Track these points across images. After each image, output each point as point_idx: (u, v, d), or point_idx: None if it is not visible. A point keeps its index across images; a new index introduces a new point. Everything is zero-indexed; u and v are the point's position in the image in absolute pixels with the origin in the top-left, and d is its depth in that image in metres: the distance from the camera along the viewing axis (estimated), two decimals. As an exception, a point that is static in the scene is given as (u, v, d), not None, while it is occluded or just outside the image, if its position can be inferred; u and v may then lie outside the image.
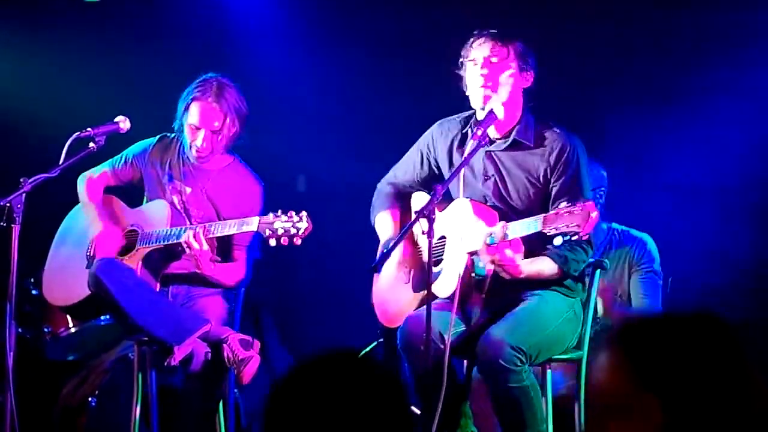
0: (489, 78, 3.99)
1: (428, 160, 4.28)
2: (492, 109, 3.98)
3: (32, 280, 5.29)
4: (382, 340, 4.91)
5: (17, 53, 6.19)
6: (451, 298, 3.92)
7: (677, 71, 5.61)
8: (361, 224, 4.52)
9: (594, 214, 3.49)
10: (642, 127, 5.63)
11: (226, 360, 4.25)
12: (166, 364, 4.24)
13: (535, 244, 3.89)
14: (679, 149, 5.61)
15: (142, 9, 6.20)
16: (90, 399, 4.81)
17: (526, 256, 3.86)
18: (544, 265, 3.92)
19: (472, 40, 4.09)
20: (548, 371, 4.01)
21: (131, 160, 4.77)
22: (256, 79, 5.81)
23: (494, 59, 4.00)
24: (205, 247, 4.30)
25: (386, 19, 6.11)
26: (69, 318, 5.22)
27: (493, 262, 3.79)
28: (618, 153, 5.34)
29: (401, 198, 4.37)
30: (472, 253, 3.89)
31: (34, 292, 5.30)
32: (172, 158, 4.70)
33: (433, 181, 4.19)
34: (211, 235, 4.34)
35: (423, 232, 3.76)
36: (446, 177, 4.14)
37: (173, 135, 4.73)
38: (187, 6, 6.21)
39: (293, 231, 4.12)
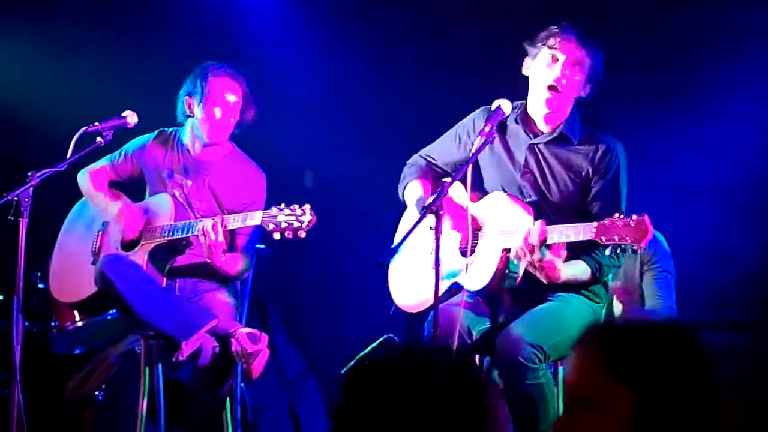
0: (561, 85, 3.93)
1: (466, 145, 4.18)
2: (500, 106, 3.96)
3: (39, 273, 5.30)
4: (390, 335, 4.91)
5: (25, 49, 6.20)
6: (479, 292, 3.91)
7: (684, 71, 5.60)
8: (368, 220, 4.53)
9: (651, 231, 3.47)
10: (649, 126, 5.62)
11: (234, 354, 4.26)
12: (174, 359, 4.24)
13: (571, 245, 3.83)
14: (686, 148, 5.60)
15: (150, 4, 6.20)
16: (96, 393, 4.81)
17: None
18: (580, 270, 3.88)
19: (557, 30, 3.97)
20: (560, 367, 4.00)
21: (130, 156, 4.78)
22: (264, 74, 5.81)
23: (576, 66, 3.94)
24: (221, 238, 4.30)
25: (395, 16, 6.11)
26: (76, 312, 5.22)
27: (532, 264, 3.74)
28: (627, 151, 5.33)
29: (434, 173, 4.30)
30: (507, 250, 3.86)
31: (40, 285, 5.31)
32: (171, 152, 4.70)
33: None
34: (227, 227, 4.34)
35: (430, 228, 3.73)
36: (483, 164, 4.11)
37: (171, 129, 4.75)
38: (196, 1, 6.21)
39: (297, 224, 4.11)
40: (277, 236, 4.14)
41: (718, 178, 5.55)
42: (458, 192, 4.07)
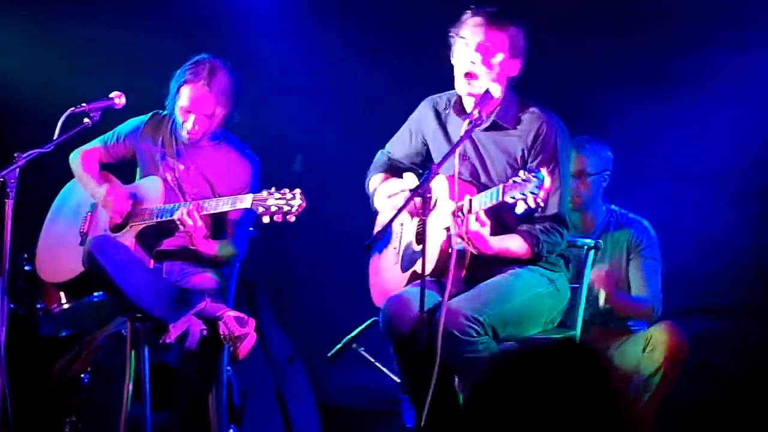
0: (477, 67, 3.96)
1: (417, 137, 4.29)
2: (488, 89, 3.95)
3: (25, 255, 5.27)
4: (376, 318, 4.90)
5: (12, 29, 6.16)
6: (432, 275, 3.90)
7: (677, 54, 5.58)
8: (357, 204, 4.51)
9: (547, 180, 3.47)
10: (640, 110, 5.61)
11: (221, 337, 4.26)
12: (161, 341, 4.25)
13: (509, 223, 3.89)
14: (678, 133, 5.59)
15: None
16: (82, 375, 4.80)
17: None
18: (513, 243, 3.91)
19: (466, 16, 4.02)
20: None
21: (123, 138, 4.77)
22: (253, 58, 5.79)
23: (487, 44, 3.96)
24: (199, 223, 4.31)
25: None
26: (62, 294, 5.21)
27: (461, 236, 3.77)
28: (616, 136, 5.32)
29: (395, 168, 4.37)
30: (448, 229, 3.88)
31: (27, 267, 5.29)
32: (164, 135, 4.69)
33: (422, 159, 4.24)
34: (204, 212, 4.34)
35: (417, 211, 3.74)
36: (434, 154, 4.16)
37: (165, 112, 4.72)
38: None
39: (286, 208, 4.12)
40: (266, 220, 4.15)
41: (710, 162, 5.53)
42: (411, 183, 4.10)
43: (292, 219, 4.14)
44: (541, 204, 3.53)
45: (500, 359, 1.92)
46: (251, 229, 4.68)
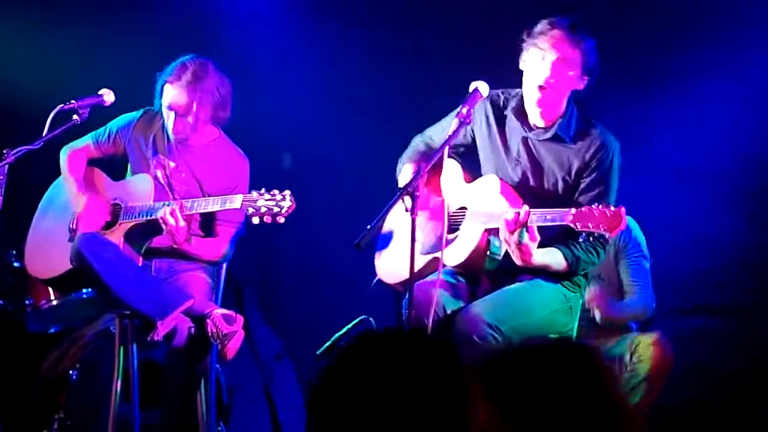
0: (550, 85, 3.92)
1: (465, 128, 4.21)
2: (477, 88, 3.95)
3: (14, 252, 5.27)
4: (365, 316, 4.91)
5: (7, 28, 6.15)
6: (456, 267, 3.92)
7: (666, 51, 5.59)
8: (348, 201, 4.52)
9: (624, 222, 3.50)
10: (630, 108, 5.61)
11: (209, 335, 4.26)
12: (149, 339, 4.23)
13: (549, 232, 3.88)
14: (667, 131, 5.59)
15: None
16: (71, 372, 4.80)
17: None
18: (555, 260, 3.92)
19: (546, 26, 3.94)
20: None
21: (115, 134, 4.76)
22: (242, 55, 5.79)
23: (563, 60, 3.91)
24: (182, 223, 4.30)
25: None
26: (51, 290, 5.20)
27: (508, 243, 3.78)
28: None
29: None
30: (489, 231, 3.90)
31: (16, 264, 5.28)
32: (156, 132, 4.68)
33: (466, 148, 4.21)
34: (190, 212, 4.33)
35: (406, 210, 3.75)
36: (480, 152, 4.15)
37: (157, 109, 4.71)
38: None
39: (276, 209, 4.12)
40: (255, 221, 4.16)
41: (700, 161, 5.54)
42: (453, 171, 4.13)
43: (282, 220, 4.14)
44: (609, 240, 3.55)
45: (492, 358, 1.92)
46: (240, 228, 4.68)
